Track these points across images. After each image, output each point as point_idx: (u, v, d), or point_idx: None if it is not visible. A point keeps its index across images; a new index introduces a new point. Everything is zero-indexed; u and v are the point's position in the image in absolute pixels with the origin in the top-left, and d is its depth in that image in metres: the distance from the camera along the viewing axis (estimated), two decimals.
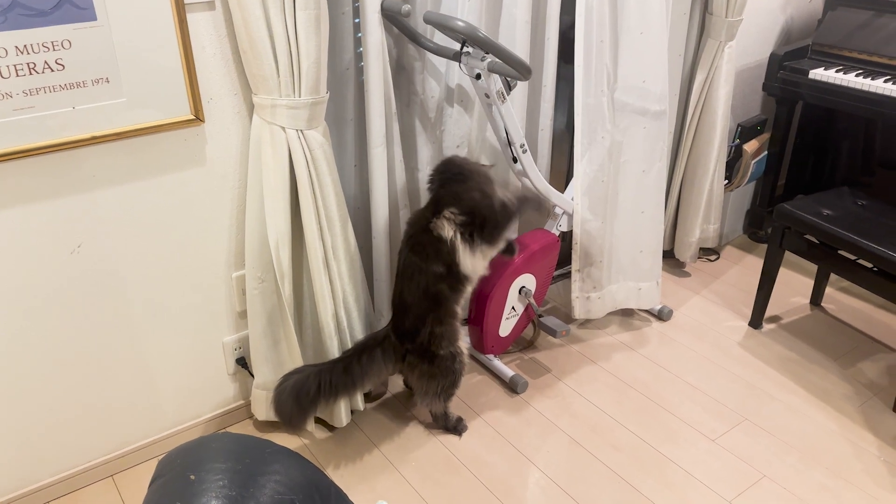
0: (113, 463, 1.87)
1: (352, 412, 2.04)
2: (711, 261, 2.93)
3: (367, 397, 2.11)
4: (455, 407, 2.11)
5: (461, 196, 1.77)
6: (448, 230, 1.75)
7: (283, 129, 1.66)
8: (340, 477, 1.87)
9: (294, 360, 1.88)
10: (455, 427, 2.00)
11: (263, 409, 1.97)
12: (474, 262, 1.81)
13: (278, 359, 1.91)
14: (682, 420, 2.06)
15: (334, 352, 1.88)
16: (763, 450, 1.96)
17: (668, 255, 2.87)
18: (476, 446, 1.97)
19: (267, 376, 1.92)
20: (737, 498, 1.81)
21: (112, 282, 1.70)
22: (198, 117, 1.66)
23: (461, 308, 1.87)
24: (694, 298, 2.66)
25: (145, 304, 1.76)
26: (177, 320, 1.83)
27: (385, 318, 2.10)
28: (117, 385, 1.80)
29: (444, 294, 1.79)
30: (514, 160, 2.06)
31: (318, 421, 2.03)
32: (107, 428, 1.83)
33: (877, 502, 1.79)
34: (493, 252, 1.88)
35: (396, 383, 2.21)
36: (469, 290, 1.86)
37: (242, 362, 1.99)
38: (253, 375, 1.95)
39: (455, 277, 1.79)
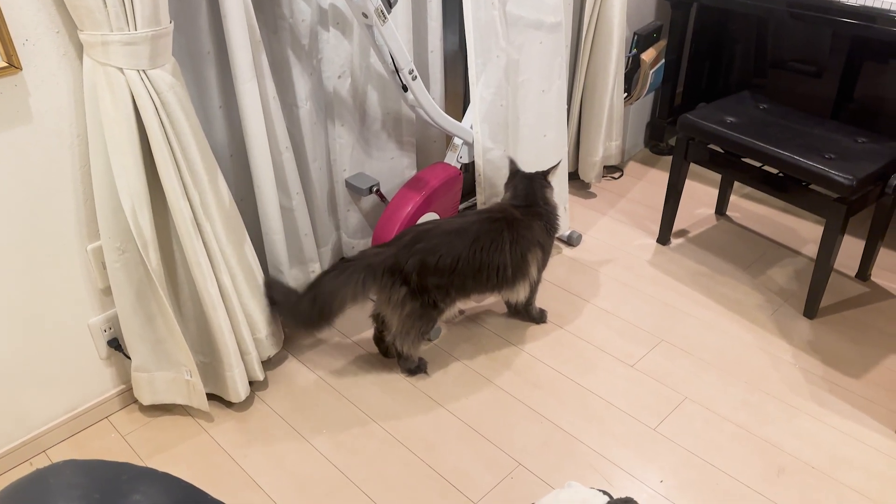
0: None
1: (250, 384, 1.84)
2: (616, 178, 2.85)
3: (385, 353, 1.99)
4: (364, 359, 1.96)
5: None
6: (537, 243, 1.90)
7: (121, 70, 1.38)
8: (249, 460, 1.69)
9: (174, 337, 1.66)
10: (418, 367, 1.92)
11: (147, 392, 1.75)
12: (530, 272, 1.92)
13: (155, 336, 1.68)
14: (600, 348, 2.00)
15: (220, 322, 1.67)
16: (682, 370, 1.92)
17: (573, 177, 2.77)
18: (390, 403, 1.83)
19: (145, 357, 1.70)
20: (661, 424, 1.76)
21: None
22: (12, 64, 1.35)
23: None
24: (602, 220, 2.58)
25: None
26: (28, 306, 1.56)
27: (284, 273, 1.89)
28: None
29: (510, 276, 1.87)
30: (405, 89, 1.85)
31: (213, 397, 1.83)
32: None
33: (796, 410, 1.79)
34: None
35: (295, 346, 2.02)
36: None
37: (115, 344, 1.74)
38: (129, 357, 1.71)
39: (534, 271, 1.92)
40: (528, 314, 2.09)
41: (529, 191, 1.93)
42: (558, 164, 2.01)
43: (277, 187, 1.81)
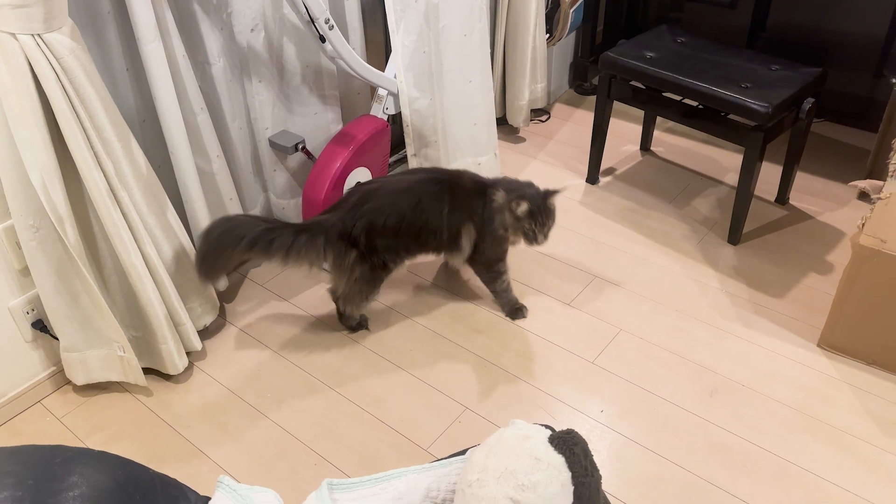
0: None
1: (188, 354, 1.80)
2: (543, 121, 2.86)
3: (352, 328, 1.93)
4: (303, 320, 1.94)
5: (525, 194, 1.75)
6: (507, 215, 1.75)
7: (14, 35, 1.28)
8: (193, 430, 1.67)
9: (102, 313, 1.60)
10: (360, 324, 1.92)
11: (80, 372, 1.69)
12: (492, 248, 1.84)
13: (82, 315, 1.61)
14: (537, 290, 2.03)
15: (149, 295, 1.61)
16: (616, 304, 1.98)
17: (501, 123, 2.76)
18: (334, 361, 1.83)
19: (73, 336, 1.63)
20: (598, 357, 1.82)
21: None
22: None
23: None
24: (532, 163, 2.60)
25: None
26: None
27: None
28: None
29: (445, 241, 1.81)
30: (322, 39, 1.79)
31: (150, 371, 1.78)
32: None
33: (724, 333, 1.87)
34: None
35: (233, 313, 1.98)
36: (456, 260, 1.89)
37: (41, 325, 1.67)
38: (57, 338, 1.65)
39: (467, 246, 1.82)
40: (498, 302, 1.97)
41: (516, 186, 1.78)
42: (562, 189, 1.82)
43: (195, 151, 1.74)
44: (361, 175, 2.00)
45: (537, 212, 1.72)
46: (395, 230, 1.73)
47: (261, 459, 1.60)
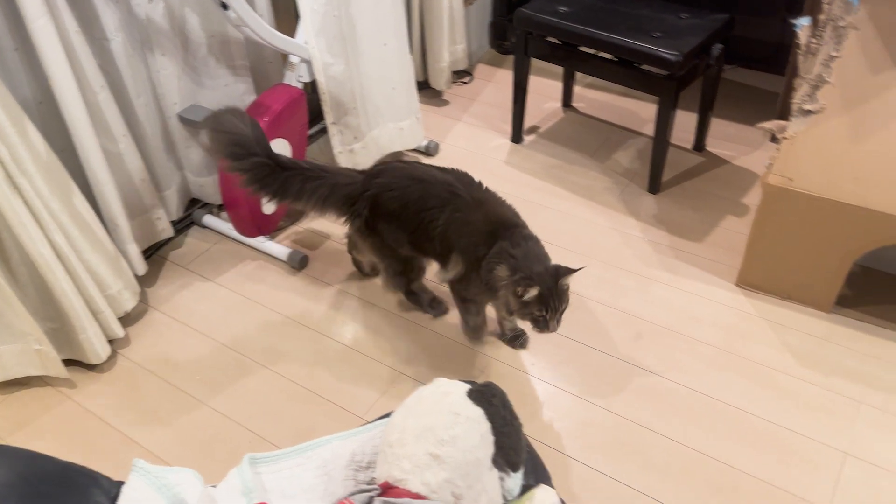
0: None
1: (110, 342, 1.75)
2: (466, 83, 2.84)
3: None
4: (231, 300, 1.90)
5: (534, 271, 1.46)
6: (512, 299, 1.48)
7: None
8: (121, 419, 1.62)
9: (12, 307, 1.53)
10: (431, 304, 1.84)
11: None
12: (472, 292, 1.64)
13: None
14: None
15: (61, 285, 1.55)
16: None
17: (424, 87, 2.74)
18: (265, 338, 1.80)
19: None
20: None
21: None
22: None
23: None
24: (457, 126, 2.59)
25: None
26: None
27: (121, 227, 1.77)
28: None
29: (438, 253, 1.64)
30: (224, 7, 1.72)
31: (73, 363, 1.72)
32: None
33: (648, 279, 1.92)
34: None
35: (156, 297, 1.93)
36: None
37: None
38: None
39: (453, 272, 1.62)
40: (502, 325, 1.78)
41: (525, 255, 1.48)
42: (579, 269, 1.48)
43: (98, 132, 1.66)
44: (280, 147, 1.95)
45: (548, 295, 1.43)
46: (395, 215, 1.60)
47: (195, 443, 1.57)
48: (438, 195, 1.56)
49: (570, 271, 1.44)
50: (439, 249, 1.60)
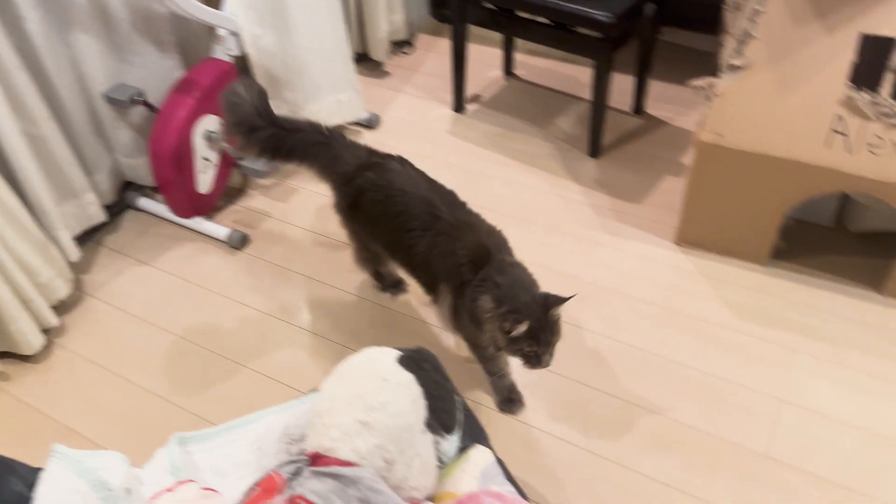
0: None
1: (45, 332, 1.70)
2: (407, 53, 2.81)
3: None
4: (166, 282, 1.86)
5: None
6: (499, 334, 1.32)
7: None
8: (59, 409, 1.58)
9: None
10: (393, 286, 1.82)
11: None
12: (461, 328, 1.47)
13: None
14: None
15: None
16: None
17: (364, 59, 2.69)
18: (205, 320, 1.77)
19: None
20: None
21: None
22: None
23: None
24: (398, 97, 2.56)
25: None
26: None
27: (50, 213, 1.71)
28: None
29: (422, 277, 1.51)
30: None
31: (6, 355, 1.67)
32: None
33: (590, 242, 1.94)
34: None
35: (92, 283, 1.88)
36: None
37: None
38: None
39: (444, 307, 1.46)
40: (490, 381, 1.57)
41: (511, 284, 1.33)
42: (571, 297, 1.34)
43: (17, 115, 1.60)
44: (210, 124, 1.91)
45: (539, 328, 1.29)
46: (373, 220, 1.51)
47: (136, 428, 1.54)
48: (419, 216, 1.42)
49: (561, 300, 1.30)
50: (424, 278, 1.49)
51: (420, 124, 2.42)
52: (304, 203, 2.11)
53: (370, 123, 2.40)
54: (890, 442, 1.45)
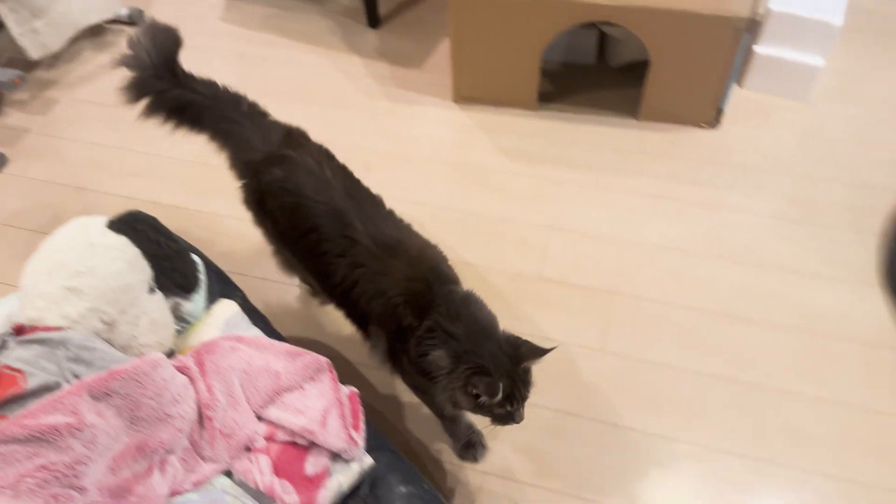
0: None
1: None
2: None
3: None
4: None
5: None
6: (461, 396, 1.04)
7: None
8: None
9: None
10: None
11: None
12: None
13: None
14: None
15: None
16: (270, 110, 1.95)
17: None
18: None
19: None
20: None
21: None
22: None
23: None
24: None
25: None
26: None
27: None
28: None
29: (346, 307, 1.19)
30: None
31: None
32: None
33: (372, 113, 1.94)
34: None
35: None
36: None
37: None
38: None
39: (378, 349, 1.16)
40: (443, 425, 1.34)
41: (467, 330, 1.05)
42: (552, 349, 1.04)
43: None
44: None
45: (512, 387, 1.02)
46: (282, 230, 1.22)
47: None
48: (332, 238, 1.13)
49: (538, 352, 1.04)
50: (348, 313, 1.21)
51: (189, 16, 2.27)
52: (67, 113, 1.96)
53: (132, 20, 2.23)
54: (641, 247, 1.61)
